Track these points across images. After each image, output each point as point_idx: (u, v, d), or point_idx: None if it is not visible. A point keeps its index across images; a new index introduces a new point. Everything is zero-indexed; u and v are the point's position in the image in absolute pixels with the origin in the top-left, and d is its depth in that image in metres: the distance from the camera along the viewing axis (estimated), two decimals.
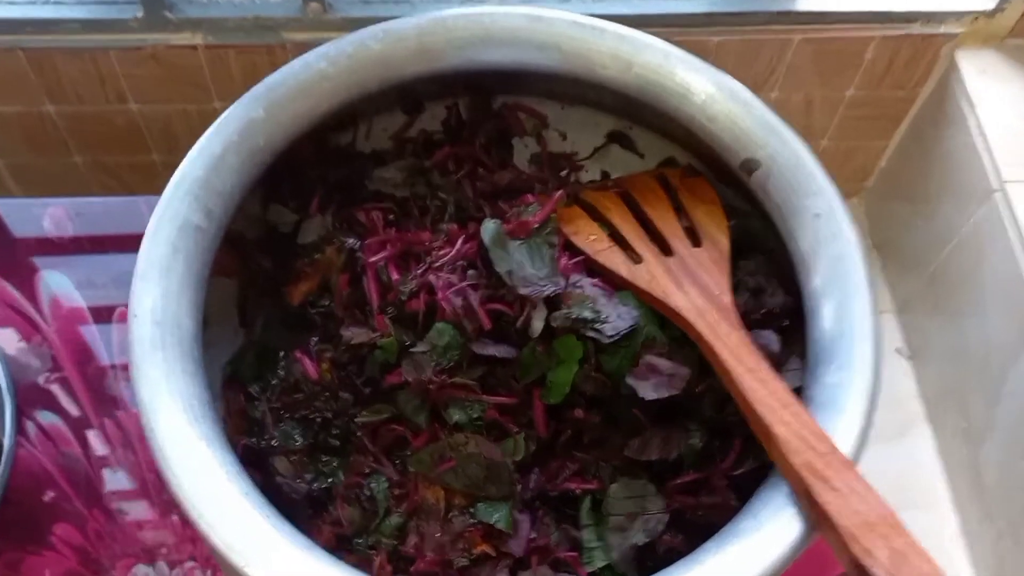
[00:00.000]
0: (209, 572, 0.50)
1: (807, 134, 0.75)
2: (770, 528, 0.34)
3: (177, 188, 0.40)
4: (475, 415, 0.40)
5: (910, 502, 0.69)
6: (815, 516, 0.33)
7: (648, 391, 0.40)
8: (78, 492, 0.52)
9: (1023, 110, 0.66)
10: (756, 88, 0.70)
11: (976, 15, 0.66)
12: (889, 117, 0.76)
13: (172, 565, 0.50)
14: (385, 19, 0.56)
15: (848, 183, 0.85)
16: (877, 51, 0.66)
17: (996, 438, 0.63)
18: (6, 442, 0.51)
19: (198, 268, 0.40)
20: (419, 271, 0.43)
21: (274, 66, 0.62)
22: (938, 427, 0.75)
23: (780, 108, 0.72)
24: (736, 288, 0.44)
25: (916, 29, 0.65)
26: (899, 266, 0.82)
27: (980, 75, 0.64)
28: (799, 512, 0.34)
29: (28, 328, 0.57)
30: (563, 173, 0.51)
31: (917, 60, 0.67)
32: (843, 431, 0.35)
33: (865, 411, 0.36)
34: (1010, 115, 0.65)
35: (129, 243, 0.57)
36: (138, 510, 0.51)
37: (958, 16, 0.66)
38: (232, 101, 0.64)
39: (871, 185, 0.84)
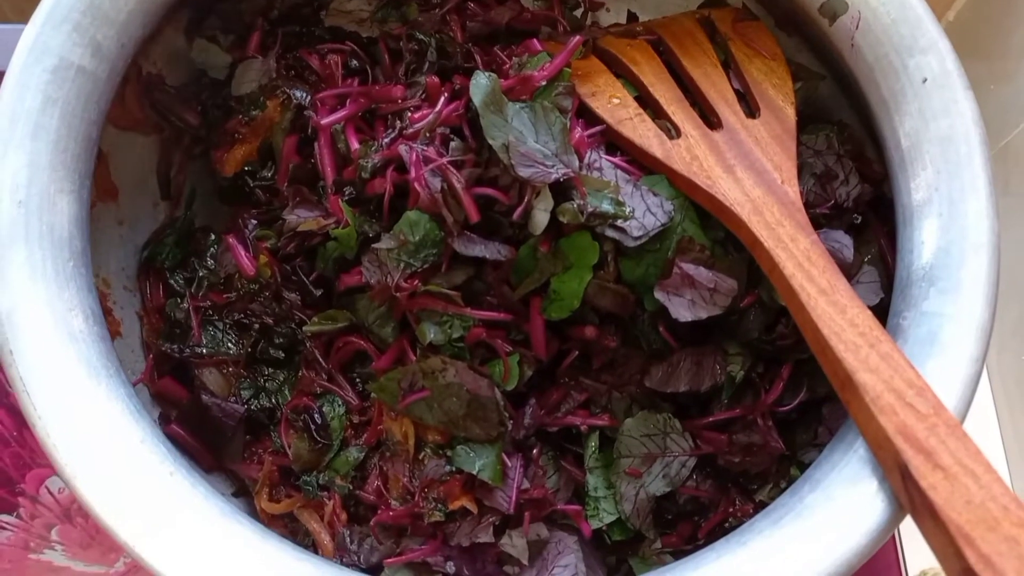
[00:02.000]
0: None
1: None
2: (842, 507, 0.26)
3: (50, 15, 0.30)
4: (455, 334, 0.31)
5: None
6: (910, 500, 0.24)
7: (682, 310, 0.31)
8: None
9: None
10: None
11: None
12: None
13: None
14: None
15: None
16: None
17: None
18: None
19: (83, 126, 0.30)
20: (387, 139, 0.33)
21: None
22: (994, 332, 0.67)
23: None
24: (798, 172, 0.34)
25: None
26: None
27: None
28: (883, 488, 0.25)
29: None
30: (578, 12, 0.43)
31: None
32: (947, 380, 0.27)
33: (976, 353, 0.27)
34: None
35: None
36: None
37: None
38: None
39: None
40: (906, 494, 0.24)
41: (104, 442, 0.25)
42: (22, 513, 0.42)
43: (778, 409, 0.34)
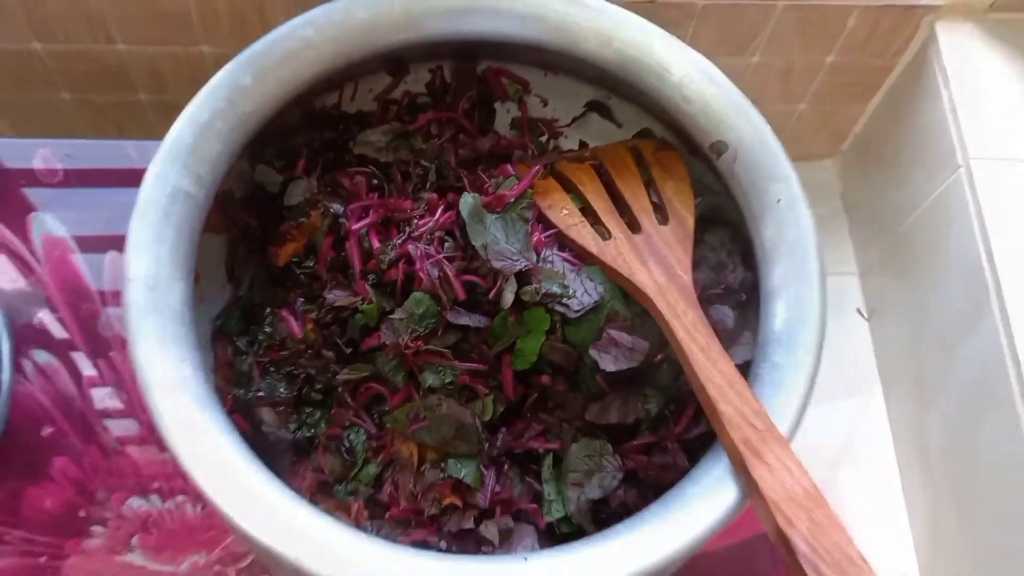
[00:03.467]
0: (200, 506, 0.53)
1: (786, 98, 0.76)
2: (709, 494, 0.37)
3: (168, 155, 0.42)
4: (448, 379, 0.42)
5: (855, 459, 0.73)
6: (748, 486, 0.36)
7: (608, 363, 0.42)
8: (74, 428, 0.55)
9: (994, 88, 0.67)
10: (738, 51, 0.71)
11: None
12: (867, 84, 0.78)
13: (164, 498, 0.53)
14: None
15: (824, 145, 0.87)
16: (859, 20, 0.67)
17: (944, 404, 0.66)
18: (4, 379, 0.53)
19: (189, 233, 0.42)
20: (399, 240, 0.44)
21: (261, 11, 0.63)
22: (890, 389, 0.78)
23: (761, 72, 0.73)
24: (698, 263, 0.46)
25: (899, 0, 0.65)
26: (867, 229, 0.84)
27: (957, 49, 0.65)
28: (735, 482, 0.37)
29: (22, 268, 0.59)
30: (543, 138, 0.53)
31: (898, 30, 0.68)
32: (782, 410, 0.39)
33: (804, 393, 0.39)
34: (981, 92, 0.66)
35: (118, 181, 0.59)
36: (131, 447, 0.54)
37: None
38: (219, 45, 0.65)
39: (846, 149, 0.86)
40: (746, 483, 0.36)
41: (211, 452, 0.37)
42: (109, 525, 0.53)
43: (684, 437, 0.43)
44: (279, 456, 0.45)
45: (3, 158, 0.62)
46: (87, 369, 0.56)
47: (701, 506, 0.37)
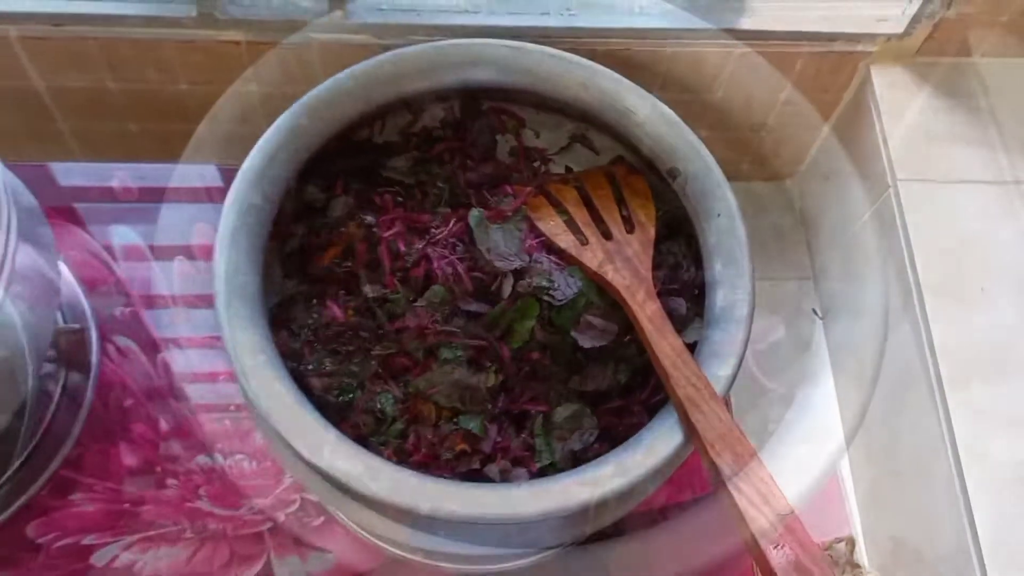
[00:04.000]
0: (255, 463, 0.65)
1: (751, 126, 0.88)
2: (661, 439, 0.49)
3: (243, 179, 0.54)
4: (459, 354, 0.51)
5: (812, 436, 0.83)
6: (689, 431, 0.48)
7: (586, 341, 0.51)
8: (151, 400, 0.66)
9: (918, 121, 0.79)
10: (706, 87, 0.84)
11: (888, 37, 0.78)
12: (818, 115, 0.88)
13: (225, 456, 0.65)
14: (396, 25, 0.69)
15: (786, 166, 0.97)
16: (804, 64, 0.78)
17: (880, 388, 0.74)
18: (93, 359, 0.65)
19: (259, 237, 0.53)
20: (420, 245, 0.53)
21: (302, 61, 0.75)
22: (839, 377, 0.88)
23: (727, 104, 0.85)
24: (660, 264, 0.57)
25: (838, 47, 0.77)
26: (820, 239, 0.94)
27: (888, 88, 0.76)
28: (680, 429, 0.49)
29: (105, 271, 0.70)
30: (535, 164, 0.62)
31: (839, 72, 0.79)
32: (717, 374, 0.50)
33: (735, 362, 0.51)
34: (907, 124, 0.78)
35: (183, 198, 0.71)
36: (200, 415, 0.66)
37: (872, 37, 0.78)
38: (264, 86, 0.77)
39: (804, 169, 0.96)
40: (688, 429, 0.48)
41: (279, 399, 0.48)
42: (180, 478, 0.64)
43: (648, 402, 0.52)
44: (326, 415, 0.56)
45: (86, 179, 0.73)
46: (160, 352, 0.68)
47: (655, 447, 0.48)
